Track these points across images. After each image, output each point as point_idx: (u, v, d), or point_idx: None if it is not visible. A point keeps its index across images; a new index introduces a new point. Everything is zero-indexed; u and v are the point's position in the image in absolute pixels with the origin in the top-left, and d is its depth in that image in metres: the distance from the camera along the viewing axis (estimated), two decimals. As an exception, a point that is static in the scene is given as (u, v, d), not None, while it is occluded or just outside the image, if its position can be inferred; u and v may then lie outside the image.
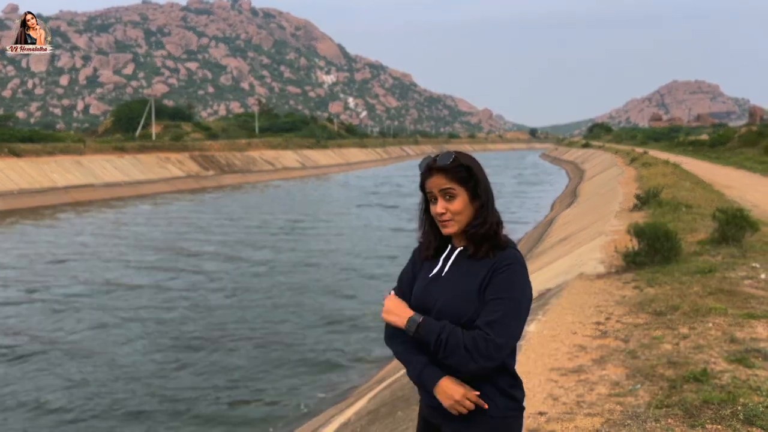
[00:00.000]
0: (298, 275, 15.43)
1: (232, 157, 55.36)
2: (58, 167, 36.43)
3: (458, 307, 1.94)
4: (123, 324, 11.42)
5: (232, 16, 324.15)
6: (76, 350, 9.99)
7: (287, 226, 24.32)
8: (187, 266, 16.70)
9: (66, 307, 12.63)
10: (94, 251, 19.01)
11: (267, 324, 11.29)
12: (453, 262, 2.05)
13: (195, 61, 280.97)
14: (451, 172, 2.01)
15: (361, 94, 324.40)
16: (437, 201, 2.04)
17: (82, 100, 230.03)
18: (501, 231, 2.03)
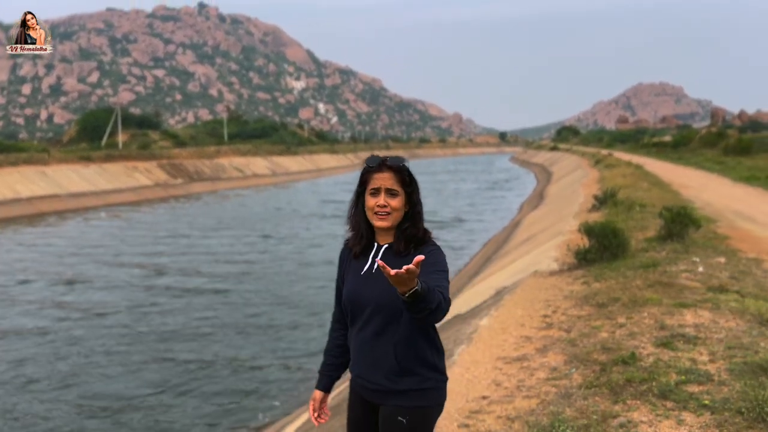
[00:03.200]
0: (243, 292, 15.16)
1: (200, 164, 55.08)
2: (22, 178, 35.90)
3: (394, 300, 2.10)
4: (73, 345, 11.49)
5: (200, 22, 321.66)
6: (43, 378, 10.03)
7: (239, 238, 24.41)
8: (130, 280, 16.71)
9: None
10: (34, 266, 18.91)
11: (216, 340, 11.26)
12: (382, 258, 2.29)
13: (162, 69, 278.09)
14: (399, 173, 2.29)
15: (331, 100, 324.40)
16: (379, 195, 2.28)
17: (46, 110, 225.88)
18: (426, 233, 2.33)
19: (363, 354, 2.32)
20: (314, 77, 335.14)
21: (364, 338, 2.31)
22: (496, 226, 24.85)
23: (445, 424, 3.86)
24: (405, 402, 2.24)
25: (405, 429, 2.24)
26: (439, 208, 31.86)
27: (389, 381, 2.26)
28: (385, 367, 2.26)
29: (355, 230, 2.40)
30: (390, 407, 2.27)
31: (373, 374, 2.29)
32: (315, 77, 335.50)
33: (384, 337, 2.26)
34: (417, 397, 2.25)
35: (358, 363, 2.36)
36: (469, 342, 5.62)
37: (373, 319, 2.27)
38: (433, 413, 2.30)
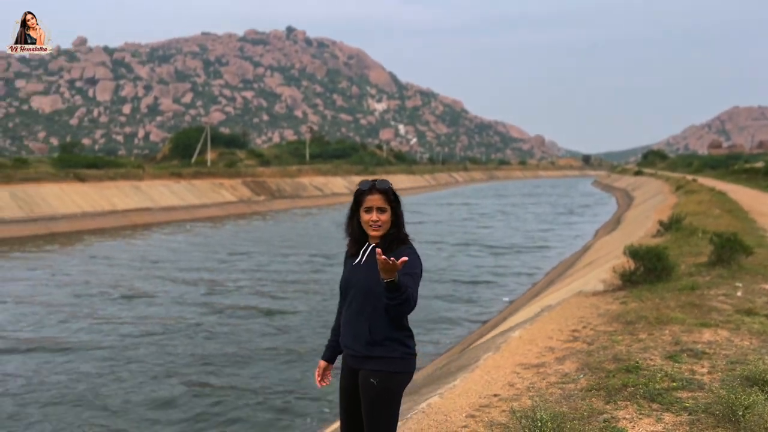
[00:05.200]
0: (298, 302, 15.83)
1: (282, 183, 57.27)
2: (119, 192, 38.75)
3: (372, 283, 2.84)
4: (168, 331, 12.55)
5: (287, 45, 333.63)
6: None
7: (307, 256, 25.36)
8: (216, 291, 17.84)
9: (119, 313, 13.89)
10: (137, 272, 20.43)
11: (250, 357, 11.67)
12: (368, 255, 2.97)
13: (251, 90, 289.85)
14: (386, 194, 2.92)
15: (411, 121, 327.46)
16: (372, 212, 2.92)
17: (143, 128, 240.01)
18: (407, 238, 2.97)
19: (348, 327, 2.98)
20: (395, 99, 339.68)
21: (349, 315, 2.97)
22: (567, 251, 24.71)
23: (455, 414, 4.39)
24: (375, 367, 2.86)
25: (376, 389, 2.84)
26: (511, 232, 31.90)
27: (365, 349, 2.88)
28: (362, 339, 2.89)
29: (351, 237, 3.06)
30: (365, 371, 2.89)
31: (354, 343, 2.93)
32: (396, 99, 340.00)
33: (363, 315, 2.90)
34: (385, 363, 2.86)
35: (344, 335, 3.01)
36: (497, 350, 6.09)
37: (357, 300, 2.92)
38: (398, 379, 2.88)
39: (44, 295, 16.13)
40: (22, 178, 35.16)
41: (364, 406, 2.89)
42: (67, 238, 29.17)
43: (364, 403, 2.89)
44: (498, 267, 20.60)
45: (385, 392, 2.85)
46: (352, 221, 3.03)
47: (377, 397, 2.84)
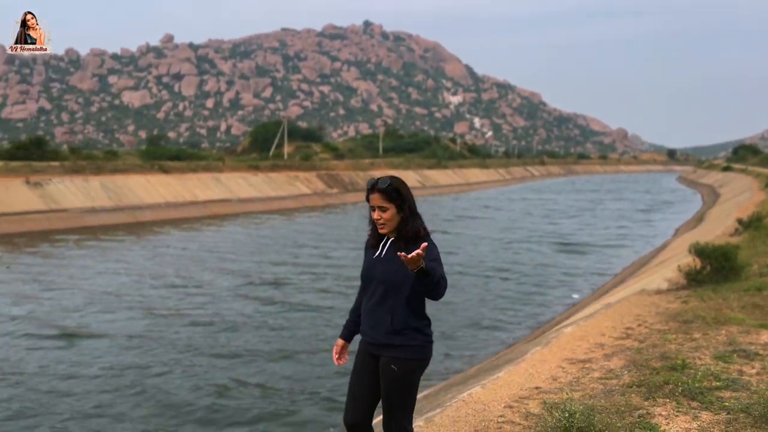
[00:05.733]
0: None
1: (355, 176, 58.04)
2: (200, 183, 40.46)
3: (392, 276, 3.00)
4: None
5: (364, 40, 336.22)
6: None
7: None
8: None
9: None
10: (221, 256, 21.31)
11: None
12: (388, 249, 3.09)
13: (328, 85, 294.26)
14: (385, 192, 3.01)
15: (487, 114, 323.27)
16: (375, 210, 3.05)
17: (225, 122, 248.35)
18: (421, 231, 3.06)
19: (369, 316, 3.12)
20: (471, 92, 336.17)
21: (371, 306, 3.11)
22: (644, 250, 23.90)
23: (494, 404, 4.50)
24: (396, 354, 3.01)
25: (396, 374, 3.00)
26: (587, 230, 31.09)
27: (386, 338, 3.03)
28: (383, 328, 3.04)
29: (372, 231, 3.19)
30: (386, 358, 3.03)
31: (376, 332, 3.07)
32: (472, 92, 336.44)
33: (384, 305, 3.04)
34: (405, 351, 3.01)
35: (365, 323, 3.15)
36: (545, 345, 6.12)
37: (378, 291, 3.06)
38: (417, 366, 3.04)
39: (108, 282, 17.03)
40: (111, 170, 37.31)
41: (385, 389, 3.03)
42: (149, 227, 30.79)
43: (385, 387, 3.03)
44: (569, 265, 20.17)
45: (405, 378, 3.01)
46: (371, 217, 3.16)
47: (397, 382, 3.00)
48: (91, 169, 36.32)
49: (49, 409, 8.05)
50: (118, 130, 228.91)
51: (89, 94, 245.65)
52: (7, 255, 21.88)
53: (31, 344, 10.92)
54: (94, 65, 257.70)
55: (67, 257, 21.14)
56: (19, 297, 14.80)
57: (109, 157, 45.10)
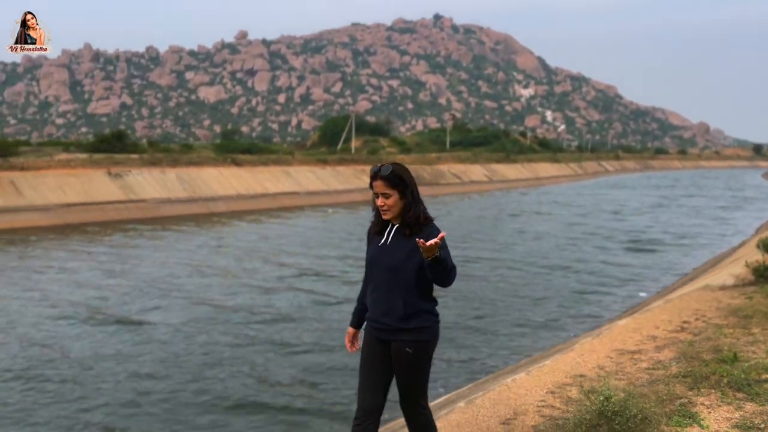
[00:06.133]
0: None
1: (421, 170, 58.10)
2: (270, 176, 41.58)
3: (398, 262, 3.08)
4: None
5: (434, 33, 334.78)
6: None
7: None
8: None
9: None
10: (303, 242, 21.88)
11: None
12: (393, 236, 3.15)
13: (397, 79, 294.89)
14: (387, 179, 3.08)
15: (560, 108, 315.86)
16: (379, 197, 3.12)
17: (296, 116, 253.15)
18: (422, 217, 3.13)
19: (377, 304, 3.17)
20: (543, 84, 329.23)
21: (379, 293, 3.16)
22: (720, 248, 22.90)
23: (537, 390, 4.57)
24: (409, 337, 3.08)
25: (410, 356, 3.09)
26: (661, 227, 30.01)
27: (399, 322, 3.10)
28: (396, 313, 3.09)
29: (375, 217, 3.26)
30: (399, 342, 3.11)
31: (388, 318, 3.11)
32: (544, 84, 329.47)
33: (393, 292, 3.10)
34: (418, 333, 3.10)
35: (375, 311, 3.19)
36: (596, 336, 6.10)
37: (386, 278, 3.12)
38: (429, 346, 3.14)
39: (169, 272, 17.82)
40: (186, 162, 38.85)
41: (400, 371, 3.13)
42: (219, 219, 31.94)
43: (400, 369, 3.12)
44: (638, 263, 19.45)
45: (420, 358, 3.10)
46: (375, 204, 3.22)
47: (412, 363, 3.09)
48: (167, 161, 37.95)
49: (102, 393, 8.45)
50: (194, 124, 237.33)
51: (167, 89, 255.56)
52: (88, 242, 23.25)
53: (92, 330, 11.42)
54: (172, 62, 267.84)
55: (139, 246, 22.22)
56: (85, 284, 15.71)
57: (185, 150, 46.98)
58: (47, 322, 11.73)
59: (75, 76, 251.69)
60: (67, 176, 32.26)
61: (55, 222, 28.25)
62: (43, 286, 15.10)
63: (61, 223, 28.26)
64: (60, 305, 13.06)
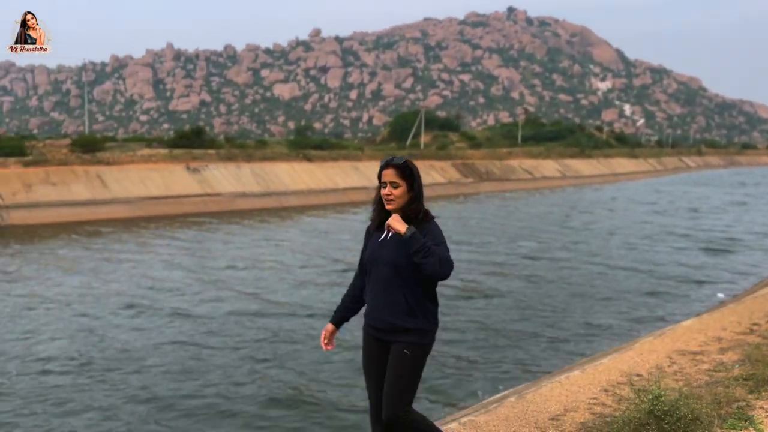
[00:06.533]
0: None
1: (491, 165, 57.50)
2: (340, 171, 42.22)
3: (397, 258, 3.05)
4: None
5: (507, 26, 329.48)
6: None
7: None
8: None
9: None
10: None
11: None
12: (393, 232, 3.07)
13: (468, 73, 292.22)
14: (399, 169, 3.08)
15: (639, 101, 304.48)
16: (386, 186, 3.11)
17: (367, 112, 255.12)
18: (422, 213, 3.13)
19: (378, 300, 3.12)
20: (621, 77, 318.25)
21: (379, 290, 3.11)
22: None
23: (590, 387, 4.54)
24: (409, 339, 3.05)
25: (408, 359, 3.04)
26: (743, 227, 28.49)
27: (398, 320, 3.06)
28: (396, 310, 3.06)
29: (375, 211, 3.24)
30: (398, 344, 3.07)
31: (387, 315, 3.08)
32: (622, 77, 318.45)
33: (394, 288, 3.07)
34: (417, 335, 3.07)
35: (373, 308, 3.15)
36: (658, 336, 5.96)
37: (386, 274, 3.08)
38: (427, 349, 3.12)
39: (230, 264, 18.39)
40: (260, 157, 39.98)
41: (393, 371, 3.05)
42: (289, 213, 32.71)
43: (394, 369, 3.05)
44: (716, 264, 18.49)
45: (415, 361, 3.06)
46: (377, 196, 3.23)
47: (407, 365, 3.04)
48: (242, 156, 39.16)
49: (153, 383, 8.96)
50: (269, 120, 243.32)
51: (244, 87, 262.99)
52: (167, 233, 24.36)
53: (152, 320, 11.91)
54: (248, 60, 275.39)
55: (209, 240, 23.04)
56: (156, 274, 16.49)
57: (259, 146, 48.31)
58: (115, 310, 12.41)
59: (158, 74, 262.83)
60: (148, 170, 33.85)
61: (137, 214, 29.73)
62: (120, 275, 15.98)
63: (142, 215, 29.71)
64: (131, 293, 13.79)
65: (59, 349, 9.87)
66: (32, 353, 9.70)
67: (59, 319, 11.81)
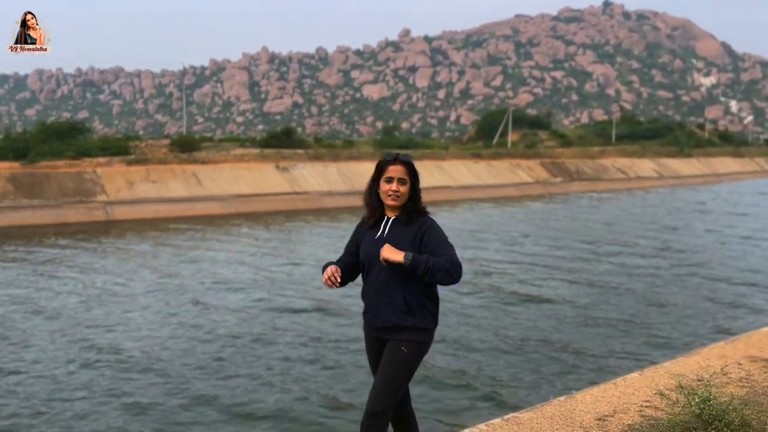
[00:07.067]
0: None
1: (582, 164, 55.78)
2: (423, 170, 42.08)
3: None
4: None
5: (603, 21, 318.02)
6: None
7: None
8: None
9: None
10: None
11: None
12: (389, 228, 3.13)
13: (561, 70, 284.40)
14: (408, 166, 3.10)
15: (747, 97, 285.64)
16: (392, 182, 3.08)
17: (455, 111, 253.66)
18: (424, 209, 3.16)
19: (377, 300, 3.10)
20: (728, 72, 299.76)
21: (377, 288, 3.11)
22: None
23: (645, 390, 4.40)
24: (407, 337, 3.04)
25: (404, 356, 3.02)
26: None
27: (397, 318, 3.05)
28: (395, 309, 3.05)
29: (370, 207, 3.21)
30: (395, 341, 3.06)
31: (385, 313, 3.07)
32: (729, 72, 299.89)
33: (392, 286, 3.06)
34: (415, 334, 3.05)
35: (371, 308, 3.14)
36: (730, 341, 5.66)
37: (384, 273, 3.06)
38: (425, 348, 3.10)
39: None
40: (346, 157, 40.75)
41: (389, 367, 3.02)
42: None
43: (389, 365, 3.02)
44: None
45: (411, 359, 3.05)
46: (371, 192, 3.20)
47: (403, 363, 3.02)
48: (329, 156, 40.06)
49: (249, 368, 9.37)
50: (358, 121, 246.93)
51: (335, 88, 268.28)
52: (263, 230, 25.34)
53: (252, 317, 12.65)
54: (339, 61, 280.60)
55: (291, 241, 23.75)
56: (236, 269, 17.16)
57: (346, 146, 49.24)
58: (220, 298, 13.06)
59: (253, 77, 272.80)
60: (240, 169, 35.29)
61: (229, 211, 31.09)
62: (209, 266, 16.80)
63: (233, 212, 31.04)
64: (240, 283, 14.47)
65: (137, 340, 10.54)
66: (114, 343, 10.42)
67: (152, 310, 12.61)
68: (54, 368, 8.99)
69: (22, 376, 8.66)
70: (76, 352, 9.71)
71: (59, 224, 26.14)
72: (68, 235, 23.27)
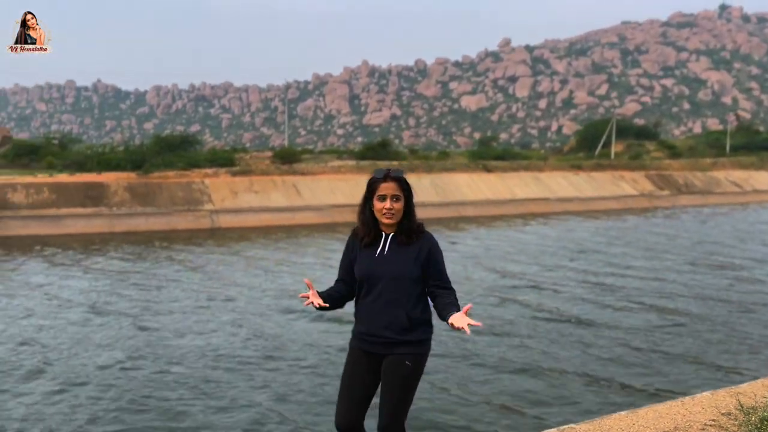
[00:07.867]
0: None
1: (691, 176, 52.90)
2: (520, 182, 41.68)
3: (400, 272, 3.08)
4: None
5: (719, 26, 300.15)
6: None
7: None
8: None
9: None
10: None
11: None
12: (389, 245, 3.13)
13: (671, 77, 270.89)
14: (401, 182, 3.09)
15: None
16: (386, 200, 3.06)
17: (556, 121, 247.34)
18: (421, 226, 3.18)
19: (377, 317, 3.09)
20: None
21: (377, 305, 3.09)
22: None
23: (713, 410, 4.28)
24: (409, 350, 3.08)
25: (409, 370, 3.06)
26: None
27: (399, 335, 3.07)
28: (397, 326, 3.07)
29: (365, 226, 3.18)
30: (396, 355, 3.07)
31: (385, 331, 3.07)
32: None
33: (394, 303, 3.07)
34: (417, 346, 3.11)
35: (369, 324, 3.11)
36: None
37: (387, 289, 3.07)
38: (426, 358, 3.17)
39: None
40: (440, 168, 40.93)
41: (394, 384, 3.04)
42: (466, 222, 33.02)
43: (393, 384, 3.04)
44: None
45: (416, 371, 3.10)
46: (364, 210, 3.18)
47: (409, 376, 3.06)
48: (423, 167, 40.41)
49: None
50: (455, 132, 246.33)
51: (433, 100, 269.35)
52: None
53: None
54: (437, 73, 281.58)
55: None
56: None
57: (441, 157, 49.44)
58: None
59: (353, 90, 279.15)
60: (337, 180, 36.34)
61: (325, 220, 32.08)
62: (307, 270, 17.49)
63: (329, 221, 31.99)
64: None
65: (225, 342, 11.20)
66: (205, 345, 11.14)
67: (240, 312, 13.35)
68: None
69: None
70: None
71: (168, 230, 28.05)
72: (198, 242, 24.91)
